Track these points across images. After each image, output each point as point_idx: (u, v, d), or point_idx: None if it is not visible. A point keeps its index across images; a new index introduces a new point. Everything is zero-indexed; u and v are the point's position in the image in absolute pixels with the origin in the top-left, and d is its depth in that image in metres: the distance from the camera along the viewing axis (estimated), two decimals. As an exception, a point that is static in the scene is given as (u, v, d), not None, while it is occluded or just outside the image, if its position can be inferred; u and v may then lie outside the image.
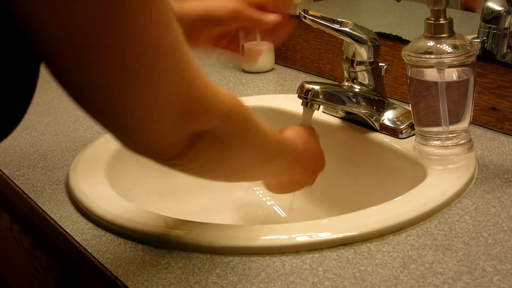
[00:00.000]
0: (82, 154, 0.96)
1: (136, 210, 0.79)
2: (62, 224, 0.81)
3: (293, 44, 1.31)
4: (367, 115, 0.94)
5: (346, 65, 0.94)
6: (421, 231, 0.72)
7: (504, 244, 0.69)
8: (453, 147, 0.85)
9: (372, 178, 0.96)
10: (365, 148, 0.96)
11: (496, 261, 0.66)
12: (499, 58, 0.93)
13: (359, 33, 0.91)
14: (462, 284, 0.63)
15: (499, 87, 0.94)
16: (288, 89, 1.22)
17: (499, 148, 0.90)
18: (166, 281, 0.67)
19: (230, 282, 0.66)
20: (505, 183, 0.81)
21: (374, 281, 0.65)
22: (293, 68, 1.32)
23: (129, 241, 0.75)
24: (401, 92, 1.08)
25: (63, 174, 0.93)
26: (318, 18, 0.91)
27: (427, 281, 0.64)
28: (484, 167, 0.85)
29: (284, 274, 0.67)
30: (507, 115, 0.94)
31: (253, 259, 0.70)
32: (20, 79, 0.56)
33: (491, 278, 0.64)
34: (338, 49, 1.20)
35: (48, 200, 0.87)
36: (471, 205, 0.77)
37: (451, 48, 0.82)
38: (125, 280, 0.68)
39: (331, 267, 0.68)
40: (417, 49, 0.83)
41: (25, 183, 0.92)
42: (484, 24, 0.94)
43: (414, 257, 0.68)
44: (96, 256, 0.73)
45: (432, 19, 0.82)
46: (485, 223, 0.73)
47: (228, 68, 1.37)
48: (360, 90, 0.94)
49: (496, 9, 0.93)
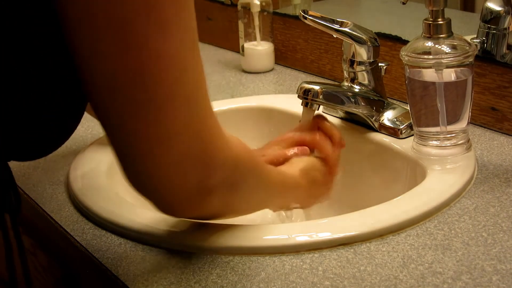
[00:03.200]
0: (82, 154, 0.96)
1: (136, 210, 0.79)
2: (63, 224, 0.81)
3: (293, 44, 1.31)
4: (366, 115, 0.94)
5: (346, 65, 0.94)
6: (421, 231, 0.73)
7: (504, 244, 0.69)
8: (452, 147, 0.85)
9: (371, 178, 0.96)
10: (364, 148, 0.96)
11: (496, 261, 0.67)
12: (499, 58, 0.94)
13: (359, 33, 0.91)
14: (461, 284, 0.63)
15: (498, 87, 0.94)
16: (288, 89, 1.22)
17: (498, 148, 0.90)
18: (166, 281, 0.67)
19: (230, 282, 0.66)
20: (504, 183, 0.81)
21: (374, 281, 0.65)
22: (293, 68, 1.33)
23: (129, 241, 0.75)
24: (400, 92, 1.08)
25: (63, 174, 0.93)
26: (318, 18, 0.91)
27: (427, 281, 0.64)
28: (484, 167, 0.85)
29: (284, 274, 0.67)
30: (507, 115, 0.94)
31: (253, 259, 0.70)
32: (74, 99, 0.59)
33: (491, 278, 0.64)
34: (338, 49, 1.20)
35: (48, 200, 0.87)
36: (470, 205, 0.77)
37: (449, 48, 0.82)
38: (125, 280, 0.68)
39: (331, 267, 0.68)
40: (416, 50, 0.83)
41: (25, 183, 0.92)
42: (483, 24, 0.94)
43: (414, 257, 0.68)
44: (96, 256, 0.73)
45: (430, 19, 0.82)
46: (485, 223, 0.73)
47: (228, 68, 1.37)
48: (360, 90, 0.94)
49: (496, 9, 0.93)
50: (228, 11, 1.47)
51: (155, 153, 0.56)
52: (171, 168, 0.57)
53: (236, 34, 1.37)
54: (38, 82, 0.56)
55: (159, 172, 0.57)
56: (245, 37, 1.32)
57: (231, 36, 1.46)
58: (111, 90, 0.54)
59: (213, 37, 1.53)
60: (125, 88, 0.53)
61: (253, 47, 1.32)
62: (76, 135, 1.07)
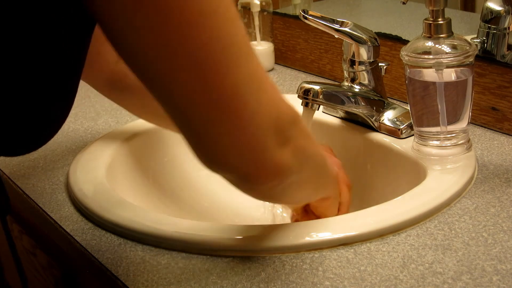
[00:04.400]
0: (82, 154, 0.96)
1: (136, 210, 0.79)
2: (62, 224, 0.81)
3: (293, 44, 1.31)
4: (367, 115, 0.94)
5: (346, 65, 0.94)
6: (421, 231, 0.73)
7: (504, 244, 0.69)
8: (452, 147, 0.85)
9: (372, 178, 0.96)
10: (365, 148, 0.96)
11: (496, 261, 0.67)
12: (499, 58, 0.94)
13: (359, 33, 0.91)
14: (461, 284, 0.63)
15: (498, 87, 0.94)
16: (288, 89, 1.22)
17: (498, 148, 0.90)
18: (166, 281, 0.67)
19: (230, 282, 0.66)
20: (504, 183, 0.81)
21: (374, 281, 0.65)
22: (293, 68, 1.33)
23: (129, 241, 0.75)
24: (401, 92, 1.08)
25: (63, 174, 0.93)
26: (318, 18, 0.91)
27: (427, 281, 0.64)
28: (484, 167, 0.85)
29: (284, 274, 0.67)
30: (507, 115, 0.94)
31: (253, 259, 0.70)
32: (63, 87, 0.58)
33: (491, 278, 0.64)
34: (338, 49, 1.20)
35: (48, 200, 0.87)
36: (470, 205, 0.77)
37: (449, 48, 0.82)
38: (125, 280, 0.68)
39: (331, 267, 0.68)
40: (416, 49, 0.83)
41: (25, 183, 0.92)
42: (483, 24, 0.94)
43: (414, 257, 0.68)
44: (96, 256, 0.73)
45: (430, 19, 0.82)
46: (485, 223, 0.73)
47: (228, 68, 1.36)
48: (360, 90, 0.94)
49: (496, 9, 0.93)
50: (228, 11, 1.47)
51: (230, 108, 0.56)
52: (248, 121, 0.57)
53: (236, 34, 1.37)
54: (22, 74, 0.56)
55: (240, 128, 0.57)
56: (245, 37, 1.32)
57: (231, 36, 1.45)
58: (169, 55, 0.53)
59: (213, 37, 1.52)
60: (180, 48, 0.53)
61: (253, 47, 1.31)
62: (76, 135, 1.07)
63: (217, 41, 0.53)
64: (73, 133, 1.08)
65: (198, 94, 0.54)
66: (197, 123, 0.56)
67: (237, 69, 0.55)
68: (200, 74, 0.53)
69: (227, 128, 0.56)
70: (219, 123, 0.56)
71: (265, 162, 0.60)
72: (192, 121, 0.56)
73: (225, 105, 0.55)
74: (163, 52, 0.52)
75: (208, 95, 0.54)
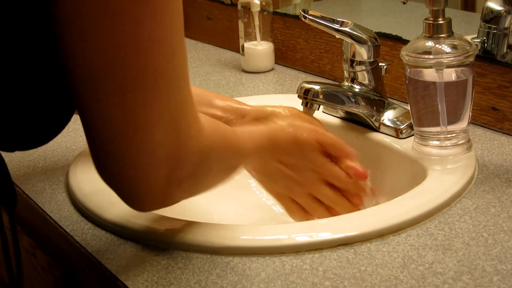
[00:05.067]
0: (82, 154, 0.96)
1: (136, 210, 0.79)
2: (62, 224, 0.81)
3: (293, 44, 1.31)
4: (367, 115, 0.94)
5: (346, 65, 0.94)
6: (421, 231, 0.72)
7: (504, 244, 0.69)
8: (452, 147, 0.85)
9: (372, 178, 0.96)
10: (365, 148, 0.96)
11: (496, 261, 0.66)
12: (499, 58, 0.94)
13: (359, 33, 0.91)
14: (462, 284, 0.63)
15: (499, 87, 0.94)
16: (288, 89, 1.22)
17: (499, 148, 0.90)
18: (166, 281, 0.67)
19: (230, 282, 0.66)
20: (505, 183, 0.81)
21: (374, 281, 0.65)
22: (293, 68, 1.32)
23: (129, 241, 0.75)
24: (401, 92, 1.08)
25: (63, 174, 0.93)
26: (318, 18, 0.91)
27: (427, 281, 0.64)
28: (484, 167, 0.85)
29: (284, 274, 0.67)
30: (507, 115, 0.94)
31: (253, 259, 0.70)
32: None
33: (491, 278, 0.64)
34: (338, 49, 1.20)
35: (48, 200, 0.87)
36: (471, 205, 0.77)
37: (449, 48, 0.82)
38: (125, 280, 0.68)
39: (331, 267, 0.68)
40: (416, 49, 0.83)
41: (25, 183, 0.92)
42: (484, 24, 0.94)
43: (414, 257, 0.68)
44: (96, 256, 0.73)
45: (430, 19, 0.82)
46: (485, 223, 0.73)
47: (228, 68, 1.37)
48: (360, 90, 0.94)
49: (496, 9, 0.93)
50: (228, 10, 1.47)
51: (133, 140, 0.56)
52: (145, 157, 0.57)
53: (236, 34, 1.37)
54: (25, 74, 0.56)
55: (134, 160, 0.57)
56: (245, 37, 1.32)
57: (231, 36, 1.46)
58: (99, 75, 0.54)
59: (213, 37, 1.53)
60: (115, 72, 0.53)
61: (253, 47, 1.32)
62: (76, 135, 1.07)
63: (144, 72, 0.54)
64: (73, 133, 1.08)
65: (114, 116, 0.55)
66: (102, 139, 0.57)
67: (157, 103, 0.56)
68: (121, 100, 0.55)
69: (125, 156, 0.57)
70: (120, 150, 0.57)
71: (152, 196, 0.62)
72: (99, 135, 0.58)
73: (132, 135, 0.56)
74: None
75: (119, 119, 0.55)
